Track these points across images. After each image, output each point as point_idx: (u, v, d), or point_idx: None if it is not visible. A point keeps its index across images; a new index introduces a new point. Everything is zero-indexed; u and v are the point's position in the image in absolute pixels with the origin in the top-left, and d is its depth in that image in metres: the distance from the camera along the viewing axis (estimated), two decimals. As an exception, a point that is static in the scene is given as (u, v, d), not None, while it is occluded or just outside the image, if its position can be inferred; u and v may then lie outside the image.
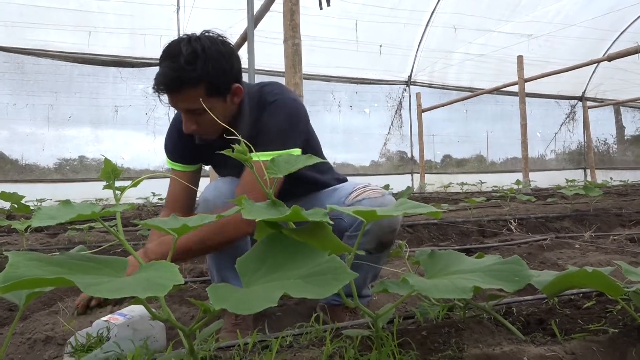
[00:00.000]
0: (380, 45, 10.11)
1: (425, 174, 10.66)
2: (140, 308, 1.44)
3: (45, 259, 0.74)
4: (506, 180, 10.08)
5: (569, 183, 7.38)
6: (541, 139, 12.84)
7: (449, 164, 12.24)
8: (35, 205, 6.06)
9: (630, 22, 10.98)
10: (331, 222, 0.91)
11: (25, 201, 4.31)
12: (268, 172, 0.99)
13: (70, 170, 8.87)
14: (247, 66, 4.16)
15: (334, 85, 10.57)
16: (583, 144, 13.13)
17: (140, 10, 8.19)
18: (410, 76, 11.13)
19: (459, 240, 3.69)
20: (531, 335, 1.16)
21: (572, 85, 12.28)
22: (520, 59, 8.36)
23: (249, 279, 0.80)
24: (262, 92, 1.64)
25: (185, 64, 1.43)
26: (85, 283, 0.63)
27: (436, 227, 3.96)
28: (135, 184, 1.02)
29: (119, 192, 1.02)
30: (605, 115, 13.69)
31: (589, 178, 12.23)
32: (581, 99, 12.93)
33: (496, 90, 9.86)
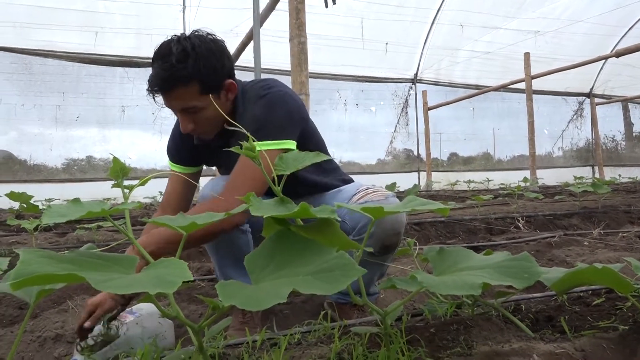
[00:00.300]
0: (386, 43, 10.09)
1: (432, 172, 10.64)
2: (148, 306, 1.45)
3: (56, 257, 0.74)
4: (513, 178, 10.03)
5: (577, 180, 7.33)
6: (548, 136, 12.78)
7: (456, 162, 12.21)
8: (44, 205, 6.11)
9: (638, 18, 10.90)
10: (339, 219, 0.91)
11: (33, 201, 4.34)
12: (276, 170, 0.99)
13: (78, 170, 8.93)
14: (254, 65, 4.16)
15: (340, 84, 10.56)
16: (591, 141, 13.05)
17: (146, 10, 8.22)
18: (416, 74, 11.10)
19: (466, 238, 3.68)
20: (540, 333, 1.15)
21: (580, 81, 12.19)
22: (527, 55, 8.31)
23: (257, 275, 0.80)
24: (255, 88, 1.64)
25: (177, 63, 1.43)
26: (96, 279, 0.63)
27: (443, 225, 3.94)
28: (143, 182, 1.03)
29: (127, 191, 1.02)
30: (614, 111, 13.60)
31: (597, 175, 12.14)
32: (589, 95, 12.84)
33: (503, 88, 9.82)
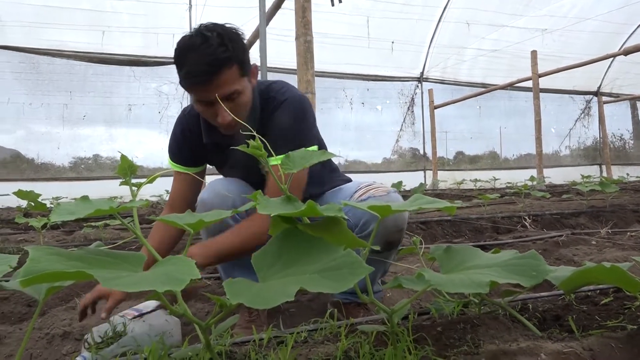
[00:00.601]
0: (392, 42, 10.07)
1: (438, 171, 10.61)
2: (156, 304, 1.45)
3: (65, 254, 0.75)
4: (520, 177, 9.98)
5: (585, 179, 7.29)
6: (555, 135, 12.71)
7: (462, 161, 12.17)
8: (52, 203, 6.14)
9: (646, 16, 10.81)
10: (346, 217, 0.91)
11: (41, 199, 4.36)
12: (283, 168, 0.99)
13: (85, 169, 8.99)
14: (259, 64, 4.17)
15: (345, 82, 10.55)
16: (598, 139, 12.96)
17: (153, 10, 8.25)
18: (422, 72, 11.06)
19: (472, 237, 3.67)
20: (548, 332, 1.15)
21: (587, 80, 12.11)
22: (534, 54, 8.27)
23: (264, 274, 0.80)
24: (270, 89, 1.64)
25: (218, 46, 1.41)
26: (104, 277, 0.63)
27: (449, 224, 3.93)
28: (151, 180, 1.03)
29: (135, 189, 1.03)
30: (621, 110, 13.50)
31: (604, 174, 12.07)
32: (596, 94, 12.76)
33: (509, 86, 9.77)
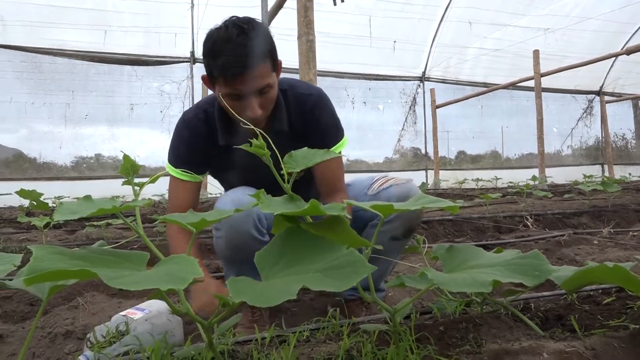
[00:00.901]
0: (394, 41, 10.06)
1: (440, 171, 10.60)
2: (158, 303, 1.45)
3: (68, 253, 0.75)
4: (522, 176, 9.97)
5: (587, 179, 7.27)
6: (557, 135, 12.68)
7: (464, 160, 12.16)
8: (54, 203, 6.15)
9: (649, 15, 10.78)
10: (349, 216, 0.91)
11: (43, 199, 4.37)
12: (286, 167, 0.99)
13: (87, 168, 9.00)
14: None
15: (347, 82, 10.54)
16: (600, 139, 12.93)
17: (155, 9, 8.26)
18: (424, 72, 11.05)
19: (474, 237, 3.67)
20: (550, 331, 1.15)
21: (590, 79, 12.09)
22: (536, 53, 8.25)
23: (267, 272, 0.80)
24: (294, 87, 1.67)
25: (255, 39, 1.41)
26: (108, 276, 0.64)
27: (451, 224, 3.93)
28: (153, 179, 1.03)
29: (137, 188, 1.03)
30: (624, 110, 13.47)
31: (606, 174, 12.04)
32: (599, 93, 12.73)
33: (512, 85, 9.75)
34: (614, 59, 10.92)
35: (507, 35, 10.18)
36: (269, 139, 1.09)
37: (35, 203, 4.21)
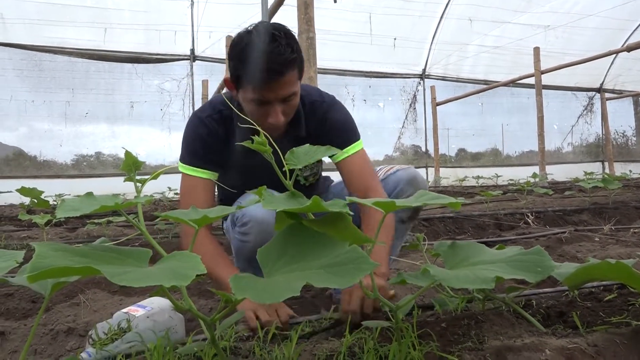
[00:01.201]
0: (395, 38, 10.04)
1: (440, 168, 10.60)
2: (159, 300, 1.46)
3: (71, 250, 0.75)
4: (522, 174, 9.95)
5: (587, 176, 7.27)
6: (558, 132, 12.67)
7: (464, 158, 12.15)
8: (55, 200, 6.15)
9: (650, 12, 10.75)
10: (351, 213, 0.91)
11: (43, 196, 4.37)
12: (287, 164, 0.99)
13: (87, 166, 9.00)
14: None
15: (347, 79, 10.53)
16: (601, 136, 12.92)
17: (155, 6, 8.25)
18: (424, 69, 11.04)
19: (475, 234, 3.67)
20: (552, 328, 1.15)
21: (590, 76, 12.07)
22: (536, 50, 8.24)
23: (270, 269, 0.80)
24: (309, 94, 1.69)
25: (286, 46, 1.41)
26: (111, 272, 0.64)
27: (452, 221, 3.93)
28: (155, 176, 1.03)
29: (139, 185, 1.03)
30: (624, 107, 13.45)
31: (607, 171, 12.03)
32: (599, 90, 12.71)
33: (512, 83, 9.74)
34: (614, 56, 10.89)
35: (508, 33, 10.16)
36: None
37: (36, 201, 4.22)
